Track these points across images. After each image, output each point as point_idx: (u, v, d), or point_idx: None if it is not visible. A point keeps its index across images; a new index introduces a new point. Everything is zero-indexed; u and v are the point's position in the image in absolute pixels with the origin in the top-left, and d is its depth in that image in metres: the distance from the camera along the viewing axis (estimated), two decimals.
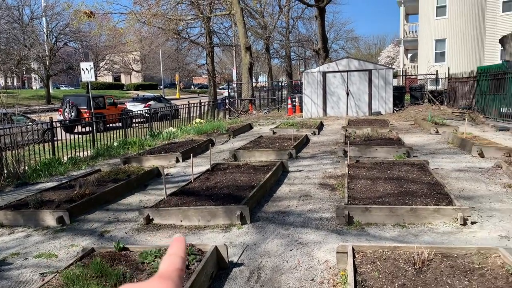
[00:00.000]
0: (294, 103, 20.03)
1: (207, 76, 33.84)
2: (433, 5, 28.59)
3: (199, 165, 8.55)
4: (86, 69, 12.63)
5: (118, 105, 21.76)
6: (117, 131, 12.88)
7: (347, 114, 17.68)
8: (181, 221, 5.21)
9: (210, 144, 8.88)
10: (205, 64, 33.58)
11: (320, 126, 14.02)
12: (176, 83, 50.39)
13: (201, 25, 29.01)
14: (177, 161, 9.09)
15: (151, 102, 24.95)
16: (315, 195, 6.05)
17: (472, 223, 4.59)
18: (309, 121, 15.55)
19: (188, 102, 17.69)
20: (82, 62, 15.47)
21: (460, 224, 4.49)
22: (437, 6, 28.42)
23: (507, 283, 2.94)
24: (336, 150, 9.20)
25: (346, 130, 11.89)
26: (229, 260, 3.96)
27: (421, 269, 3.16)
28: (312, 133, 12.31)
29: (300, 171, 7.62)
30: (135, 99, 27.85)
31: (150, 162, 9.12)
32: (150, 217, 5.34)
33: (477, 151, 8.11)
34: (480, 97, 15.58)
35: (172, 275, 0.46)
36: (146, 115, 16.12)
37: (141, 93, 42.66)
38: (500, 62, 16.56)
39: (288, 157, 8.63)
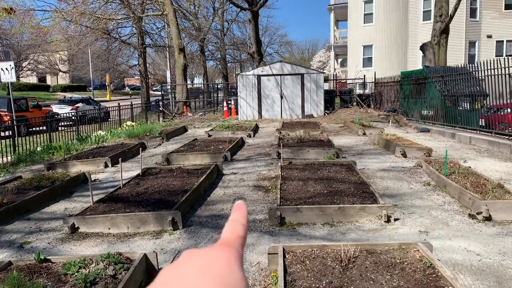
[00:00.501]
0: (230, 106, 20.07)
1: (139, 77, 32.85)
2: (361, 12, 30.12)
3: (130, 170, 8.26)
4: (6, 69, 11.77)
5: (43, 108, 20.44)
6: (42, 135, 12.09)
7: (281, 116, 18.04)
8: (109, 228, 4.99)
9: (141, 148, 8.60)
10: (137, 65, 32.58)
11: (256, 129, 14.16)
12: (106, 84, 48.37)
13: (132, 25, 28.13)
14: (106, 166, 8.71)
15: (79, 104, 23.78)
16: (249, 197, 6.08)
17: (395, 219, 4.86)
18: (245, 123, 15.65)
19: (119, 104, 17.04)
20: (1, 61, 14.38)
21: (384, 221, 4.74)
22: (364, 13, 29.98)
23: (424, 275, 3.13)
24: (270, 152, 9.32)
25: (280, 133, 12.11)
26: (160, 267, 3.85)
27: (347, 266, 3.28)
28: (247, 136, 12.40)
29: (235, 173, 7.62)
30: (62, 101, 26.34)
31: (77, 168, 8.65)
32: (76, 226, 5.05)
33: (400, 151, 8.62)
34: (404, 100, 16.60)
35: (234, 243, 0.45)
36: (74, 118, 15.32)
37: (68, 94, 40.44)
38: (421, 67, 17.77)
39: (223, 160, 8.60)
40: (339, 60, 40.47)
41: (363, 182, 6.08)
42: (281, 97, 18.11)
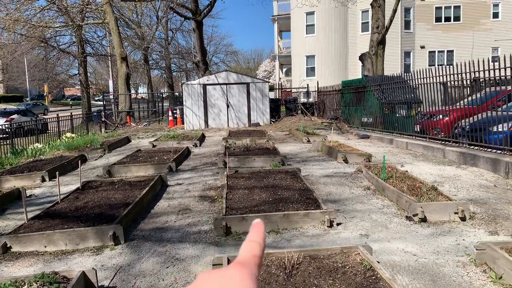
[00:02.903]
0: (175, 115, 19.79)
1: (80, 87, 31.59)
2: (303, 23, 30.97)
3: (69, 183, 7.88)
4: None
5: None
6: None
7: (228, 125, 18.06)
8: (46, 246, 4.71)
9: (80, 160, 8.23)
10: (78, 75, 31.35)
11: (202, 138, 14.04)
12: (45, 94, 46.03)
13: (71, 33, 27.07)
14: (43, 180, 8.24)
15: (15, 116, 22.42)
16: (195, 208, 5.99)
17: (338, 224, 4.99)
18: (191, 133, 15.49)
19: (57, 115, 16.26)
20: None
21: (327, 226, 4.85)
22: (306, 24, 30.86)
23: (364, 278, 3.23)
24: (216, 161, 9.27)
25: (227, 141, 12.10)
26: (100, 284, 3.68)
27: (291, 273, 3.31)
28: (193, 145, 12.26)
29: (180, 184, 7.50)
30: None
31: (11, 183, 8.12)
32: (8, 245, 4.72)
33: (342, 157, 8.91)
34: (345, 108, 17.20)
35: (249, 262, 0.45)
36: (8, 130, 14.41)
37: (2, 106, 38.00)
38: (361, 76, 18.54)
39: (167, 170, 8.44)
40: (284, 70, 41.29)
41: (307, 188, 6.20)
42: (228, 106, 18.14)
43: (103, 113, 20.93)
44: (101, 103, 23.12)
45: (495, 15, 30.32)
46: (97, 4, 23.27)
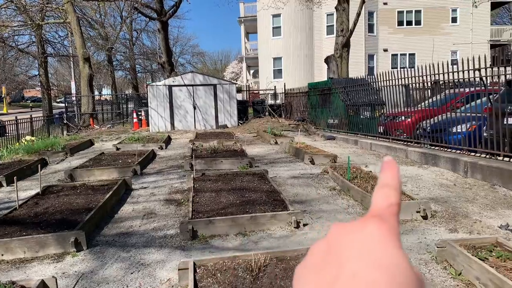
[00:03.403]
0: (140, 117, 19.44)
1: (40, 88, 30.50)
2: (270, 25, 31.18)
3: (28, 188, 7.57)
4: None
5: None
6: None
7: (195, 127, 17.90)
8: (2, 255, 4.49)
9: (40, 164, 7.92)
10: (38, 76, 30.25)
11: (168, 140, 13.85)
12: (2, 96, 44.17)
13: (30, 32, 26.10)
14: (1, 185, 7.88)
15: None
16: (160, 212, 5.89)
17: (304, 225, 5.02)
18: (157, 135, 15.24)
19: (16, 117, 15.62)
20: None
21: (294, 227, 4.88)
22: (273, 26, 31.08)
23: None
24: (183, 164, 9.16)
25: (194, 144, 11.98)
26: None
27: (258, 275, 3.30)
28: (159, 148, 12.06)
29: (145, 188, 7.35)
30: None
31: None
32: None
33: (308, 159, 9.00)
34: (312, 110, 17.42)
35: (387, 214, 0.36)
36: None
37: None
38: (326, 79, 18.82)
39: (132, 174, 8.25)
40: (251, 71, 41.40)
41: (274, 190, 6.22)
42: (194, 108, 17.98)
43: (65, 115, 20.29)
44: (63, 105, 22.41)
45: (454, 20, 31.58)
46: (58, 3, 22.55)
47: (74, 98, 23.71)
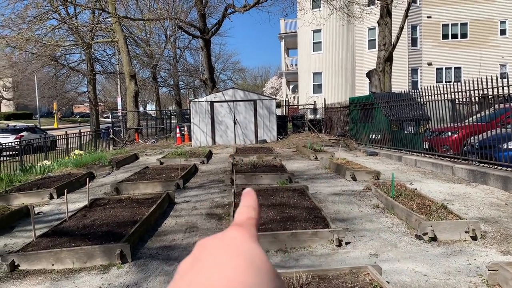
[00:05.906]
0: (183, 132, 19.89)
1: (89, 104, 31.95)
2: (310, 41, 31.22)
3: (77, 201, 7.89)
4: None
5: None
6: None
7: (235, 142, 18.09)
8: (53, 265, 4.70)
9: (88, 178, 8.26)
10: (87, 92, 31.74)
11: (209, 155, 14.06)
12: (54, 112, 46.60)
13: (81, 51, 27.51)
14: (51, 197, 8.27)
15: (24, 133, 22.68)
16: (202, 226, 5.96)
17: (347, 243, 4.92)
18: (198, 150, 15.52)
19: (66, 132, 16.41)
20: None
21: (336, 245, 4.79)
22: (313, 42, 31.10)
23: None
24: (223, 179, 9.25)
25: (234, 158, 12.10)
26: None
27: None
28: (200, 162, 12.27)
29: (188, 202, 7.48)
30: (5, 130, 25.01)
31: (19, 200, 8.16)
32: (16, 263, 4.71)
33: (350, 175, 8.84)
34: (353, 125, 17.17)
35: (246, 223, 0.44)
36: (17, 147, 14.55)
37: (12, 123, 38.49)
38: (368, 93, 18.54)
39: (175, 188, 8.43)
40: (291, 87, 41.48)
41: (315, 206, 6.15)
42: (235, 123, 18.20)
43: (111, 130, 21.10)
44: (110, 120, 23.33)
45: (503, 32, 30.36)
46: (106, 23, 23.69)
47: (120, 114, 24.65)
